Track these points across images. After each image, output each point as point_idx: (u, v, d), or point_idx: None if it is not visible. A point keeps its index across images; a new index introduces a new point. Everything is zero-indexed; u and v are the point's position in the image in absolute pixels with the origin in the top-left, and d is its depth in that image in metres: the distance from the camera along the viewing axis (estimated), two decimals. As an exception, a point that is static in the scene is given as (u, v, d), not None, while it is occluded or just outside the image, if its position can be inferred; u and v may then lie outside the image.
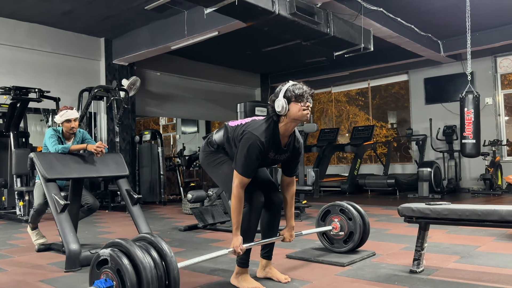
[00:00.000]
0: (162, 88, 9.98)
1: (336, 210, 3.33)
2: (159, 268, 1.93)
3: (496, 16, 7.48)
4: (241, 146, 2.38)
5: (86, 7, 6.82)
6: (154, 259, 1.95)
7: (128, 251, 1.93)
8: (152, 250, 1.99)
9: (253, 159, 2.36)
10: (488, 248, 3.43)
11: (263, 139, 2.36)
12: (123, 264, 1.88)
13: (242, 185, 2.39)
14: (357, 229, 3.20)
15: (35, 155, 3.42)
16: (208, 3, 5.13)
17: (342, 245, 3.29)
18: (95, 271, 2.01)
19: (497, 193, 8.00)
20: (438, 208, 2.59)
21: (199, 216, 4.84)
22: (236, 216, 2.41)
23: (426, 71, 10.05)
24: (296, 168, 2.67)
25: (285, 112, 2.35)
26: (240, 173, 2.37)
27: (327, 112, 12.43)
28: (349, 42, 6.69)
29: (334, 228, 3.30)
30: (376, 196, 8.62)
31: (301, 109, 2.34)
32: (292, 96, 2.34)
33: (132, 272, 1.87)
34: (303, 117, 2.37)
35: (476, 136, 6.29)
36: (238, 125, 2.53)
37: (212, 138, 2.68)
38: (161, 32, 7.55)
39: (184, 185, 8.88)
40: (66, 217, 3.24)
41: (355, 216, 3.22)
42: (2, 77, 7.06)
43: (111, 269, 1.93)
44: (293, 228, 2.71)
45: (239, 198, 2.39)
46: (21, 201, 5.89)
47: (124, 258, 1.90)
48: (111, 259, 1.93)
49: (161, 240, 2.04)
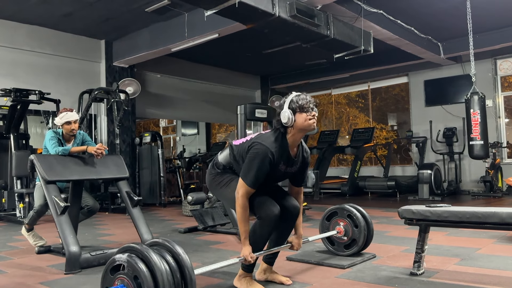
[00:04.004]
0: (162, 90, 9.99)
1: (343, 214, 3.30)
2: (176, 275, 1.87)
3: (496, 18, 7.49)
4: (250, 156, 2.36)
5: (86, 9, 6.83)
6: (170, 266, 1.88)
7: (145, 256, 1.86)
8: (167, 255, 1.92)
9: (263, 170, 2.34)
10: (489, 250, 3.42)
11: (273, 150, 2.35)
12: (141, 270, 1.81)
13: (247, 195, 2.36)
14: (360, 238, 3.18)
15: (35, 157, 3.42)
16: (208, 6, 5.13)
17: (343, 249, 3.28)
18: (109, 277, 1.94)
19: (497, 195, 7.99)
20: (438, 210, 2.59)
21: (199, 218, 4.83)
22: (244, 226, 2.37)
23: (426, 73, 10.06)
24: (305, 178, 2.65)
25: (291, 123, 2.36)
26: (247, 183, 2.34)
27: (327, 114, 12.44)
28: (349, 44, 6.69)
29: (338, 232, 3.28)
30: (376, 198, 8.61)
31: (307, 119, 2.35)
32: (297, 107, 2.36)
33: (150, 279, 1.80)
34: (310, 127, 2.37)
35: (484, 137, 6.29)
36: (244, 142, 2.51)
37: (218, 160, 2.65)
38: (162, 34, 7.56)
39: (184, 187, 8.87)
40: (66, 219, 3.24)
41: (361, 225, 3.18)
42: (3, 79, 7.07)
43: (127, 276, 1.86)
44: (301, 236, 2.69)
45: (245, 207, 2.36)
46: (21, 203, 5.89)
47: (141, 263, 1.83)
48: (128, 265, 1.86)
49: (177, 246, 1.97)
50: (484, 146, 6.32)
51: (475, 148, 6.32)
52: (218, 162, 2.64)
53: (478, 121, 6.28)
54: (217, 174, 2.63)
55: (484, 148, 6.33)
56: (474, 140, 6.30)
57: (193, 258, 3.40)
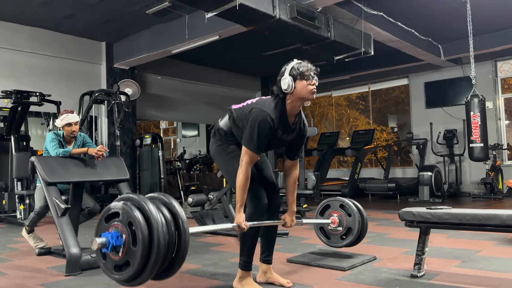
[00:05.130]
0: (163, 91, 10.00)
1: (335, 205, 3.32)
2: (170, 227, 1.85)
3: (496, 20, 7.50)
4: (251, 122, 2.37)
5: (87, 11, 6.84)
6: (165, 217, 1.86)
7: (141, 205, 1.84)
8: (164, 209, 1.90)
9: (263, 135, 2.36)
10: (489, 253, 3.42)
11: (273, 116, 2.36)
12: (136, 217, 1.79)
13: (251, 162, 2.39)
14: (355, 226, 3.19)
15: (36, 158, 3.42)
16: (209, 8, 5.15)
17: (339, 240, 3.28)
18: (104, 225, 1.92)
19: (497, 197, 7.99)
20: (439, 213, 2.59)
21: (200, 220, 4.83)
22: (241, 194, 2.38)
23: (427, 75, 10.06)
24: (300, 151, 2.66)
25: (291, 90, 2.36)
26: (250, 149, 2.36)
27: (328, 115, 12.44)
28: (349, 46, 6.70)
29: (332, 223, 3.28)
30: (376, 200, 8.61)
31: (307, 87, 2.35)
32: (297, 74, 2.36)
33: (144, 226, 1.78)
34: (309, 95, 2.37)
35: (483, 140, 6.30)
36: (244, 106, 2.53)
37: (219, 126, 2.66)
38: (162, 36, 7.57)
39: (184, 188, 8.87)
40: (67, 220, 3.24)
41: (355, 213, 3.21)
42: (4, 80, 7.08)
43: (121, 222, 1.84)
44: (294, 213, 2.71)
45: (247, 176, 2.37)
46: (21, 205, 5.88)
47: (137, 211, 1.82)
48: (123, 211, 1.84)
49: (173, 199, 1.96)
50: (484, 148, 6.33)
51: (475, 150, 6.33)
52: (220, 127, 2.65)
53: (478, 124, 6.29)
54: (220, 143, 2.63)
55: (484, 150, 6.34)
56: (474, 143, 6.31)
57: (193, 260, 3.40)
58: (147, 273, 1.80)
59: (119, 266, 1.86)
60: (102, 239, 1.84)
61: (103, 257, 1.92)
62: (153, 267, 1.79)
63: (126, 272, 1.82)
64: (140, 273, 1.80)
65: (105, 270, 1.91)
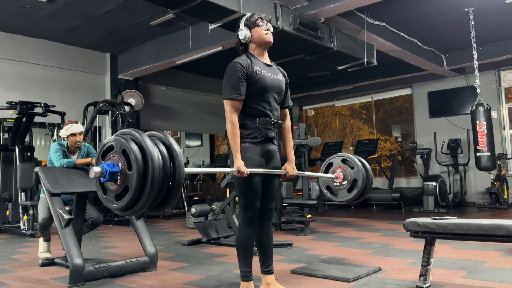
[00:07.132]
0: (167, 102, 10.04)
1: (337, 161, 3.33)
2: (166, 163, 1.88)
3: (499, 30, 7.51)
4: (224, 76, 2.48)
5: (91, 22, 6.91)
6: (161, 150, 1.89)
7: (137, 138, 1.87)
8: (161, 145, 1.93)
9: (235, 78, 2.43)
10: (496, 263, 3.38)
11: (240, 61, 2.48)
12: (128, 145, 1.82)
13: (235, 109, 2.43)
14: (360, 176, 3.19)
15: (40, 169, 3.43)
16: (212, 19, 5.19)
17: (346, 194, 3.28)
18: (100, 162, 1.96)
19: (503, 207, 7.93)
20: (444, 223, 2.57)
21: (203, 231, 4.81)
22: (234, 140, 2.40)
23: (430, 85, 10.06)
24: (288, 98, 2.73)
25: (248, 40, 2.56)
26: (227, 97, 2.43)
27: (331, 125, 12.44)
28: (352, 57, 6.73)
29: (337, 178, 3.28)
30: (381, 210, 8.56)
31: (262, 32, 2.52)
32: (251, 23, 2.54)
33: (136, 149, 1.81)
34: (266, 39, 2.53)
35: (490, 149, 6.26)
36: None
37: None
38: (166, 47, 7.62)
39: (188, 199, 8.86)
40: (70, 231, 3.24)
41: (357, 164, 3.22)
42: (9, 92, 7.13)
43: (116, 153, 1.87)
44: (293, 161, 2.70)
45: (233, 123, 2.42)
46: (25, 215, 5.88)
47: (131, 142, 1.85)
48: (116, 143, 1.88)
49: (170, 137, 2.00)
50: (491, 157, 6.28)
51: (482, 159, 6.29)
52: None
53: (485, 133, 6.26)
54: None
55: (491, 159, 6.29)
56: (481, 152, 6.27)
57: (197, 271, 3.38)
58: (145, 197, 1.82)
59: (119, 195, 1.90)
60: (98, 168, 1.90)
61: (103, 192, 1.98)
62: (150, 192, 1.81)
63: (126, 197, 1.86)
64: (138, 198, 1.83)
65: (107, 203, 1.96)
